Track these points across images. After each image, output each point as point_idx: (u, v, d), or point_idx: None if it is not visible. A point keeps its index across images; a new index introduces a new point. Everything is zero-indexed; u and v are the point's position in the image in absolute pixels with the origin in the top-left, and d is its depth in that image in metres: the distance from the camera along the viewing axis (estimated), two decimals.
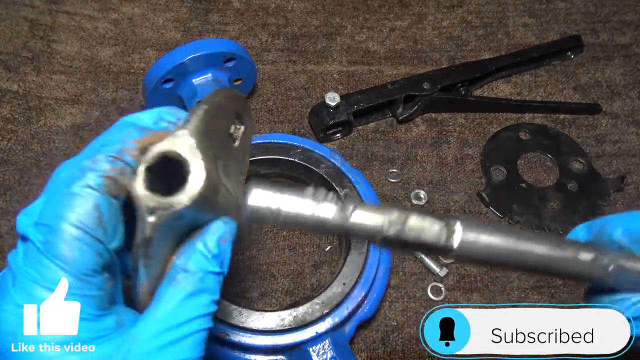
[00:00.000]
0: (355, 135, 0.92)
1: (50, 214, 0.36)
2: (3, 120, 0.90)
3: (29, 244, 0.36)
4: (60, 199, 0.36)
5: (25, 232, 0.37)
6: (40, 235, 0.36)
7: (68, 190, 0.36)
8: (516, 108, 0.95)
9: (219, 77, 0.84)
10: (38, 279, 0.35)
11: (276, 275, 0.78)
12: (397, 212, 0.40)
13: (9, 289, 0.35)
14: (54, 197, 0.37)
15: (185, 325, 0.37)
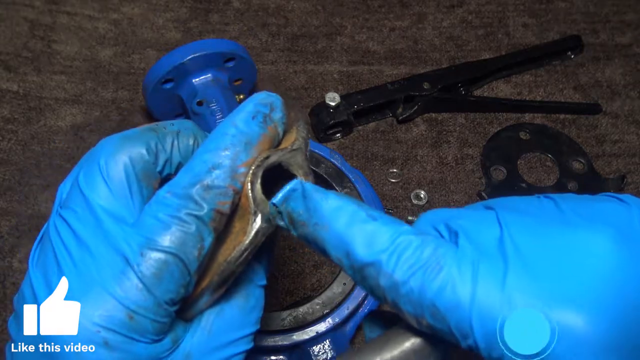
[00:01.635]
0: (355, 135, 0.92)
1: (151, 235, 0.34)
2: (3, 120, 0.90)
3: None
4: (163, 223, 0.34)
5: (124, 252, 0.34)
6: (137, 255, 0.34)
7: (172, 214, 0.34)
8: (516, 108, 0.95)
9: (219, 77, 0.84)
10: (119, 295, 0.33)
11: (276, 275, 0.78)
12: None
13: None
14: (157, 220, 0.34)
15: (234, 342, 0.37)
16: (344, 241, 0.33)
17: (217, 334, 0.36)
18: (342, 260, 0.34)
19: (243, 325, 0.37)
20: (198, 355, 0.36)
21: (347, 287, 0.68)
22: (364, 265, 0.33)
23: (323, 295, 0.68)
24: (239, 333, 0.37)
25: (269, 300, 0.76)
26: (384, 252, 0.32)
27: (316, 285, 0.77)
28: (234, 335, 0.37)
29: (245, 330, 0.38)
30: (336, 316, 0.67)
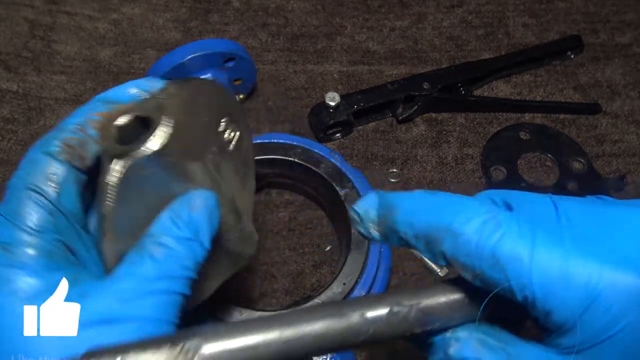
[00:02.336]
0: (355, 135, 0.92)
1: (13, 178, 0.40)
2: (3, 120, 0.90)
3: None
4: (23, 165, 0.41)
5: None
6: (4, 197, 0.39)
7: (30, 157, 0.41)
8: (516, 108, 0.95)
9: (218, 77, 0.84)
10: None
11: (276, 275, 0.78)
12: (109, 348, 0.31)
13: None
14: (21, 164, 0.41)
15: (147, 284, 0.35)
16: (409, 214, 0.37)
17: (121, 278, 0.36)
18: (407, 233, 0.37)
19: (156, 270, 0.36)
20: (98, 295, 0.35)
21: (347, 287, 0.68)
22: (427, 227, 0.35)
23: (323, 295, 0.68)
24: (150, 275, 0.36)
25: (269, 300, 0.76)
26: (446, 212, 0.35)
27: (316, 285, 0.77)
28: (144, 279, 0.36)
29: (158, 272, 0.36)
30: None
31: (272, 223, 0.82)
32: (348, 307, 0.35)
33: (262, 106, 0.95)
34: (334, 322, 0.34)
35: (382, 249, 0.72)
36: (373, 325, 0.35)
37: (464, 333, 0.35)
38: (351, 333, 0.35)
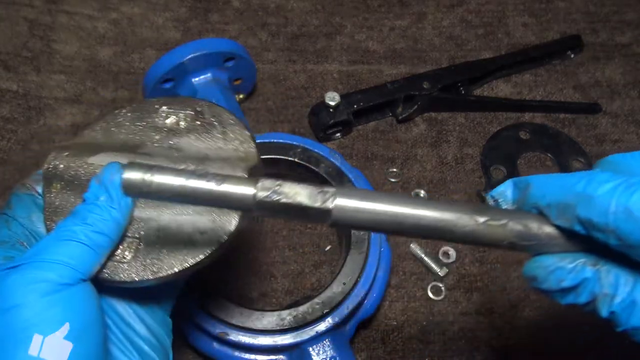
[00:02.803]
0: (355, 134, 0.92)
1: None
2: (3, 120, 0.90)
3: None
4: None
5: None
6: None
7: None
8: (516, 107, 0.95)
9: (218, 77, 0.84)
10: None
11: (276, 275, 0.78)
12: (271, 180, 0.41)
13: None
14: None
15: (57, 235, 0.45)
16: (542, 187, 0.42)
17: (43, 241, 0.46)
18: (540, 204, 0.41)
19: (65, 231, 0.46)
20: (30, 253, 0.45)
21: (347, 287, 0.68)
22: (561, 195, 0.40)
23: (323, 295, 0.68)
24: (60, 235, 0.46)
25: (269, 300, 0.76)
26: (577, 182, 0.39)
27: (316, 285, 0.77)
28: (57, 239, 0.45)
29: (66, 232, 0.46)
30: (336, 316, 0.67)
31: (272, 223, 0.82)
32: (460, 208, 0.41)
33: (262, 106, 0.95)
34: (445, 214, 0.40)
35: (382, 249, 0.73)
36: (472, 226, 0.40)
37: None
38: (451, 227, 0.40)
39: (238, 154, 0.52)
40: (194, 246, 0.48)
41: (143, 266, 0.48)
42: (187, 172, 0.43)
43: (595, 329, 0.75)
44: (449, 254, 0.80)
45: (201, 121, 0.55)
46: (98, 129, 0.55)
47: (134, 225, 0.49)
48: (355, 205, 0.40)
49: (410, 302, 0.77)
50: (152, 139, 0.54)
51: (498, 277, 0.79)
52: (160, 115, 0.55)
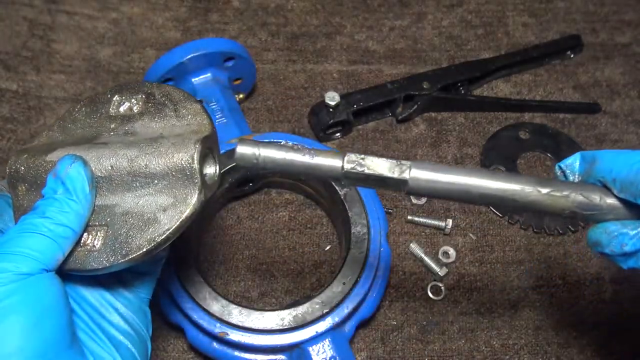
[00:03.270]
0: (354, 134, 0.92)
1: None
2: (2, 119, 0.90)
3: None
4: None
5: None
6: None
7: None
8: (516, 107, 0.95)
9: (218, 77, 0.84)
10: None
11: (276, 275, 0.78)
12: (355, 154, 0.48)
13: None
14: None
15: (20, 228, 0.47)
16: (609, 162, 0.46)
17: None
18: (606, 178, 0.45)
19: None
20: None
21: (347, 287, 0.68)
22: (627, 171, 0.44)
23: (323, 295, 0.68)
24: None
25: (268, 299, 0.76)
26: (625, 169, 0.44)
27: (316, 285, 0.77)
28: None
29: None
30: (336, 315, 0.67)
31: (272, 222, 0.82)
32: (523, 180, 0.46)
33: (262, 105, 0.95)
34: (509, 184, 0.46)
35: (382, 249, 0.73)
36: (535, 195, 0.45)
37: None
38: (515, 195, 0.46)
39: (191, 128, 0.53)
40: (158, 224, 0.49)
41: (112, 251, 0.48)
42: (287, 147, 0.48)
43: (596, 329, 0.75)
44: (449, 254, 0.80)
45: (152, 103, 0.56)
46: (55, 128, 0.56)
47: (100, 213, 0.50)
48: (427, 177, 0.46)
49: (410, 302, 0.77)
50: (107, 129, 0.55)
51: (498, 277, 0.79)
52: (113, 104, 0.56)
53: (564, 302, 0.77)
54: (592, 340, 0.75)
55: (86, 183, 0.49)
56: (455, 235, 0.82)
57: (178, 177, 0.49)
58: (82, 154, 0.50)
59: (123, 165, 0.50)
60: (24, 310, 0.43)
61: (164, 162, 0.49)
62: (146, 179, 0.50)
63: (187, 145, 0.49)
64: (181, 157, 0.49)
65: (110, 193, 0.51)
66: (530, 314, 0.76)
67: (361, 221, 0.73)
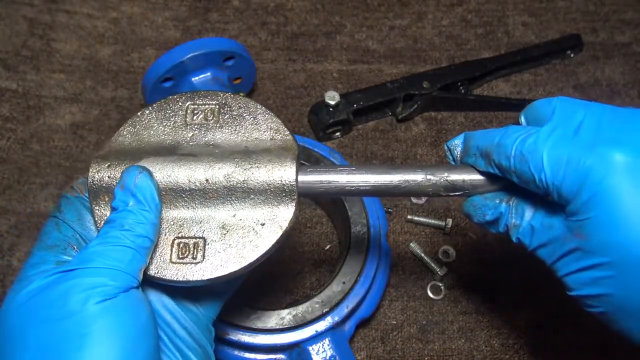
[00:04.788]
0: (354, 134, 0.92)
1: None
2: (2, 119, 0.90)
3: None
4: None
5: None
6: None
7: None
8: (516, 107, 0.95)
9: (218, 76, 0.84)
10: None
11: (276, 274, 0.78)
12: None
13: None
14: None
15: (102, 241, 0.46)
16: (478, 140, 0.52)
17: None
18: (477, 154, 0.51)
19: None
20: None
21: (347, 286, 0.68)
22: (486, 146, 0.50)
23: (322, 294, 0.68)
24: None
25: (268, 298, 0.76)
26: (497, 134, 0.49)
27: (315, 284, 0.77)
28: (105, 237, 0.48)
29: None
30: (335, 315, 0.67)
31: None
32: (394, 170, 0.52)
33: (262, 105, 0.94)
34: (385, 177, 0.51)
35: (382, 248, 0.73)
36: (410, 184, 0.51)
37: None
38: (394, 186, 0.51)
39: (277, 143, 0.53)
40: (258, 238, 0.50)
41: (214, 263, 0.49)
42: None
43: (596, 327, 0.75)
44: (449, 253, 0.80)
45: (229, 114, 0.55)
46: (126, 133, 0.54)
47: (195, 226, 0.50)
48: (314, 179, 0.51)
49: (410, 302, 0.77)
50: (185, 138, 0.54)
51: (498, 277, 0.79)
52: (185, 112, 0.55)
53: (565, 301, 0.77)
54: (592, 339, 0.75)
55: (155, 193, 0.48)
56: (455, 235, 0.82)
57: (276, 193, 0.50)
58: (173, 165, 0.50)
59: (219, 179, 0.50)
60: (123, 329, 0.42)
61: (263, 179, 0.50)
62: (243, 194, 0.50)
63: (284, 162, 0.51)
64: (281, 174, 0.50)
65: (205, 206, 0.51)
66: (530, 313, 0.76)
67: (361, 220, 0.73)
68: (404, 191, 0.52)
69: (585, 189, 0.43)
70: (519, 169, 0.46)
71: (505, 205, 0.51)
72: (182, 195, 0.50)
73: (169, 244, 0.50)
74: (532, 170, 0.45)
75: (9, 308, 0.43)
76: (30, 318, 0.42)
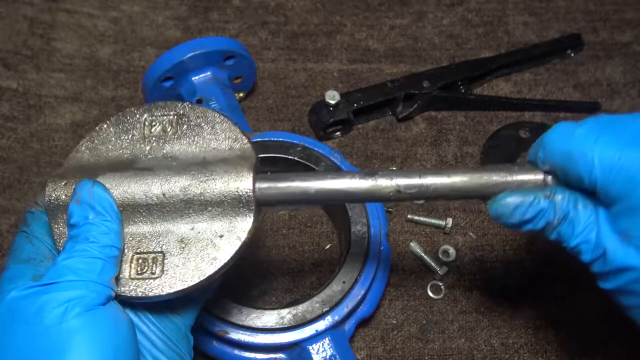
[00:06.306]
0: (355, 133, 0.92)
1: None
2: (3, 118, 0.90)
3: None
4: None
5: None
6: None
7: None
8: (516, 106, 0.95)
9: (218, 75, 0.84)
10: None
11: (276, 274, 0.78)
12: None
13: None
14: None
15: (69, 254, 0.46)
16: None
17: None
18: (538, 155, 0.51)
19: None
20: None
21: (347, 286, 0.68)
22: (535, 146, 0.51)
23: (322, 294, 0.68)
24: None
25: (268, 298, 0.76)
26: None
27: (316, 284, 0.77)
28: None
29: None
30: (335, 314, 0.67)
31: (271, 221, 0.82)
32: (369, 175, 0.51)
33: (262, 104, 0.94)
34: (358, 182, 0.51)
35: (382, 248, 0.73)
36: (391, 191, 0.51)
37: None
38: (372, 193, 0.51)
39: (235, 152, 0.53)
40: (217, 250, 0.49)
41: (173, 278, 0.48)
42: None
43: (596, 326, 0.75)
44: (449, 253, 0.80)
45: (187, 124, 0.54)
46: (84, 149, 0.54)
47: (154, 240, 0.50)
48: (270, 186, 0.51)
49: (410, 301, 0.77)
50: (143, 151, 0.53)
51: (498, 276, 0.79)
52: (143, 124, 0.55)
53: (564, 301, 0.77)
54: (593, 338, 0.75)
55: (113, 202, 0.48)
56: (455, 234, 0.82)
57: (234, 204, 0.50)
58: (129, 180, 0.50)
59: (176, 192, 0.50)
60: (104, 342, 0.41)
61: (219, 191, 0.50)
62: (200, 206, 0.50)
63: (241, 173, 0.50)
64: (237, 185, 0.50)
65: (163, 220, 0.50)
66: (530, 312, 0.76)
67: (361, 220, 0.73)
68: (359, 198, 0.52)
69: (635, 192, 0.44)
70: (566, 168, 0.47)
71: (546, 200, 0.49)
72: (139, 210, 0.50)
73: (128, 260, 0.49)
74: (580, 170, 0.46)
75: None
76: (6, 335, 0.41)
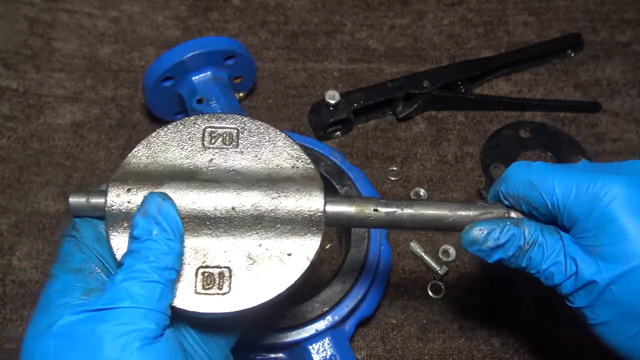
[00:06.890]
0: (355, 133, 0.92)
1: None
2: (3, 118, 0.90)
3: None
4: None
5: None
6: None
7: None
8: (516, 106, 0.95)
9: (218, 75, 0.84)
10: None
11: None
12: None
13: None
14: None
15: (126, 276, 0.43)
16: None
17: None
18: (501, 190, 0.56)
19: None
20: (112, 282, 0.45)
21: (347, 285, 0.68)
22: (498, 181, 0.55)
23: (323, 294, 0.68)
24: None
25: None
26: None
27: (316, 284, 0.77)
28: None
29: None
30: (336, 314, 0.67)
31: None
32: (365, 202, 0.52)
33: (262, 104, 0.94)
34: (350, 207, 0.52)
35: (382, 247, 0.73)
36: (374, 217, 0.52)
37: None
38: (360, 219, 0.53)
39: (300, 172, 0.52)
40: (286, 268, 0.49)
41: (241, 295, 0.47)
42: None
43: None
44: (449, 253, 0.80)
45: (248, 139, 0.54)
46: (141, 155, 0.52)
47: (219, 255, 0.49)
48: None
49: (410, 301, 0.77)
50: (204, 162, 0.52)
51: (497, 276, 0.79)
52: (203, 134, 0.53)
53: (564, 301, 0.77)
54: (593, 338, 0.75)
55: (179, 221, 0.46)
56: (456, 234, 0.82)
57: (303, 223, 0.50)
58: (198, 191, 0.49)
59: (247, 207, 0.49)
60: None
61: (291, 209, 0.50)
62: (270, 222, 0.50)
63: (312, 193, 0.51)
64: (309, 205, 0.50)
65: (229, 234, 0.49)
66: (530, 312, 0.76)
67: None
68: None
69: (598, 209, 0.48)
70: (529, 195, 0.52)
71: (516, 227, 0.52)
72: (205, 223, 0.49)
73: (193, 274, 0.47)
74: (542, 195, 0.51)
75: (34, 347, 0.41)
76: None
